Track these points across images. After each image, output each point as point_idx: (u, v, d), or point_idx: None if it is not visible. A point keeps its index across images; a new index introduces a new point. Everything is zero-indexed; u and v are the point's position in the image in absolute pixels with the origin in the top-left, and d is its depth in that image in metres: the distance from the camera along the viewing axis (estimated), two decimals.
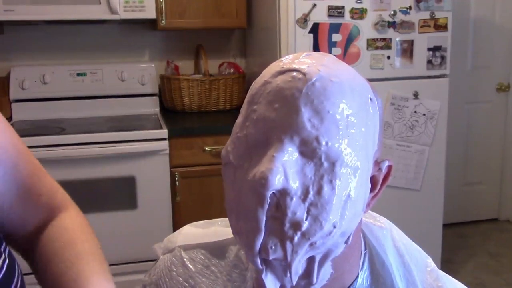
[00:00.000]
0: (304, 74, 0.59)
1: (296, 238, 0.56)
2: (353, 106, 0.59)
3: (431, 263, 0.75)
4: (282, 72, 0.61)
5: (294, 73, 0.60)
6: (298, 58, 0.63)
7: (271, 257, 0.57)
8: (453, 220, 3.60)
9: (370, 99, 0.63)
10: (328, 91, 0.58)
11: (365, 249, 0.71)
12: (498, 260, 3.18)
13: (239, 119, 0.64)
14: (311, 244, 0.57)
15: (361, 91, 0.62)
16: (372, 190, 0.65)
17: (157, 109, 2.89)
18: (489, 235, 3.55)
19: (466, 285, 0.76)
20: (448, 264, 3.01)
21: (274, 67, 0.63)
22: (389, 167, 0.66)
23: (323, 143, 0.57)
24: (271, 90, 0.60)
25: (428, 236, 2.64)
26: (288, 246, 0.57)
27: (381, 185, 0.66)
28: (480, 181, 3.73)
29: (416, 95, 2.53)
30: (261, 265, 0.59)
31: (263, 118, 0.59)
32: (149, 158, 2.38)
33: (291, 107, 0.58)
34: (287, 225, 0.56)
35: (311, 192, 0.56)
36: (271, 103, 0.59)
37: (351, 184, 0.58)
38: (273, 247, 0.57)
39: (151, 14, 2.55)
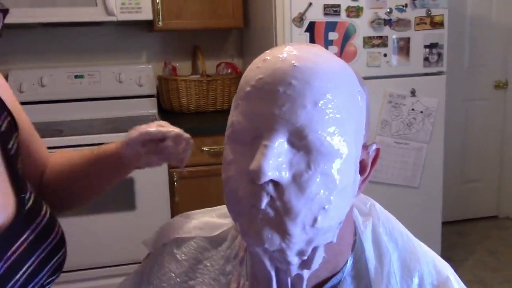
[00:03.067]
0: (288, 66, 0.59)
1: (292, 233, 0.58)
2: (338, 95, 0.59)
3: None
4: (265, 65, 0.61)
5: (277, 66, 0.59)
6: (282, 50, 0.62)
7: (266, 245, 0.58)
8: (452, 217, 3.60)
9: (356, 88, 0.63)
10: (312, 83, 0.58)
11: (355, 234, 0.73)
12: (497, 257, 3.19)
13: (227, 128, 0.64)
14: (307, 237, 0.59)
15: (346, 78, 0.62)
16: (361, 173, 0.66)
17: (155, 110, 2.89)
18: (488, 233, 3.55)
19: (465, 283, 0.78)
20: (447, 262, 3.00)
21: (256, 61, 0.63)
22: (377, 150, 0.68)
23: (311, 134, 0.57)
24: (256, 84, 0.60)
25: (427, 234, 2.63)
26: (286, 239, 0.58)
27: (370, 168, 0.67)
28: (478, 178, 3.73)
29: (413, 93, 2.53)
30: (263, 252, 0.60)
31: (250, 112, 0.60)
32: None
33: (275, 101, 0.58)
34: (286, 220, 0.57)
35: (303, 186, 0.57)
36: (255, 97, 0.59)
37: (340, 173, 0.59)
38: (269, 236, 0.58)
39: (147, 15, 2.55)
